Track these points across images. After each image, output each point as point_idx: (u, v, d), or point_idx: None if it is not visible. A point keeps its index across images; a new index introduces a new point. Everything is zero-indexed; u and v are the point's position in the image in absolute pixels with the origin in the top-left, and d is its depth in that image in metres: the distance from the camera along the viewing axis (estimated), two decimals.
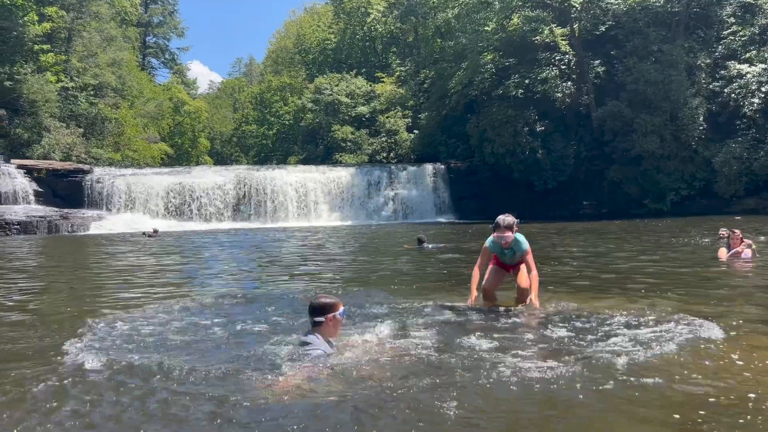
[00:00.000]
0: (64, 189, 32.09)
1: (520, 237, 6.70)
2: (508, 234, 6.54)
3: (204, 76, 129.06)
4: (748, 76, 33.77)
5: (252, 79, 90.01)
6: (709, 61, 35.45)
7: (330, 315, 4.71)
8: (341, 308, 4.81)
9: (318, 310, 4.71)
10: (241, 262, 13.81)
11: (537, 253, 13.81)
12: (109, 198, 32.50)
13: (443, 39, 47.93)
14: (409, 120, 47.69)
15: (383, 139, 47.52)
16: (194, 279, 10.79)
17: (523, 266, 6.78)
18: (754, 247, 11.10)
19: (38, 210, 30.06)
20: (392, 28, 56.42)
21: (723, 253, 10.96)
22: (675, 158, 34.53)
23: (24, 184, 30.87)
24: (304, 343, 4.61)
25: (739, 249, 10.88)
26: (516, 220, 6.68)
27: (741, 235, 11.21)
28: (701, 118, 34.07)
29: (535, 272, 6.63)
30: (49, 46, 40.33)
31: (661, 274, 9.72)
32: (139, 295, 8.55)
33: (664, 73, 33.83)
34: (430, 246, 14.95)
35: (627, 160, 35.28)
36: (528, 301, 6.60)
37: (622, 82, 35.44)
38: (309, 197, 35.50)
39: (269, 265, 12.99)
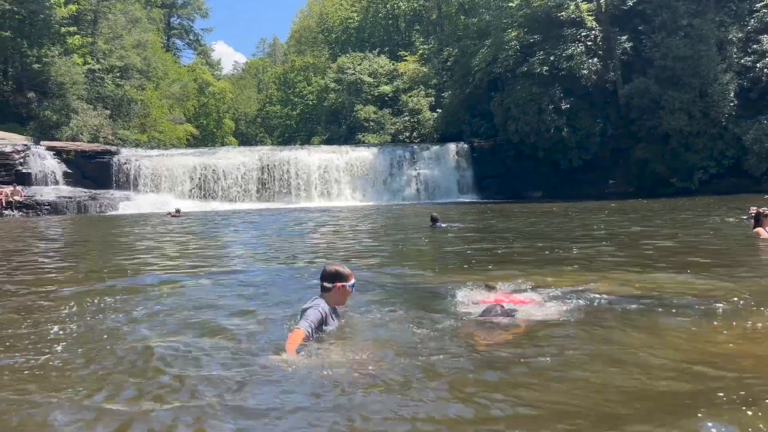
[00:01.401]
0: (93, 170, 32.64)
1: None
2: None
3: (228, 56, 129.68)
4: None
5: (276, 59, 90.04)
6: (740, 35, 34.43)
7: (339, 284, 4.79)
8: (352, 280, 4.88)
9: (329, 276, 4.81)
10: (261, 242, 13.98)
11: (566, 233, 13.71)
12: (135, 179, 33.00)
13: (467, 16, 47.27)
14: (432, 99, 47.33)
15: (406, 118, 47.28)
16: (213, 257, 10.97)
17: None
18: None
19: (68, 191, 30.71)
20: (415, 5, 55.82)
21: (762, 232, 10.69)
22: (704, 136, 33.76)
23: (54, 165, 31.50)
24: (306, 309, 4.66)
25: None
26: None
27: None
28: (732, 94, 33.20)
29: None
30: (75, 28, 40.89)
31: (699, 251, 9.60)
32: (147, 269, 8.74)
33: (694, 48, 32.96)
34: (443, 225, 15.08)
35: (654, 138, 34.60)
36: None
37: (649, 58, 34.63)
38: (332, 177, 35.62)
39: (289, 244, 13.12)
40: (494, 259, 9.57)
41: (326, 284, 4.80)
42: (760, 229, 10.76)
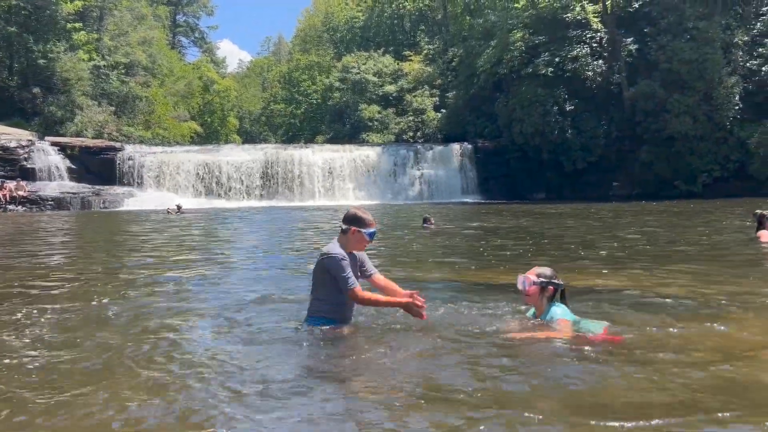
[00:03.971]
0: (97, 166, 32.68)
1: (557, 309, 4.59)
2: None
3: (233, 54, 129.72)
4: None
5: (280, 57, 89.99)
6: (746, 38, 34.36)
7: (354, 228, 4.67)
8: (370, 228, 4.72)
9: (347, 219, 4.72)
10: (265, 240, 13.99)
11: (576, 236, 13.71)
12: (139, 175, 33.04)
13: (472, 16, 47.26)
14: (437, 99, 47.26)
15: (410, 118, 47.21)
16: (215, 253, 10.98)
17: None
18: None
19: (71, 186, 30.78)
20: (420, 5, 55.81)
21: (765, 235, 10.63)
22: (708, 139, 33.71)
23: (58, 161, 31.57)
24: (325, 253, 4.64)
25: None
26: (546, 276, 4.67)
27: None
28: (737, 98, 33.13)
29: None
30: (81, 24, 40.96)
31: (707, 254, 9.57)
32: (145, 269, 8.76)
33: (699, 52, 32.90)
34: (433, 226, 15.55)
35: (659, 141, 34.56)
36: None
37: (655, 60, 34.58)
38: (335, 176, 35.62)
39: (288, 241, 13.14)
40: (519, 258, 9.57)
41: (344, 226, 4.71)
42: (764, 232, 10.73)
